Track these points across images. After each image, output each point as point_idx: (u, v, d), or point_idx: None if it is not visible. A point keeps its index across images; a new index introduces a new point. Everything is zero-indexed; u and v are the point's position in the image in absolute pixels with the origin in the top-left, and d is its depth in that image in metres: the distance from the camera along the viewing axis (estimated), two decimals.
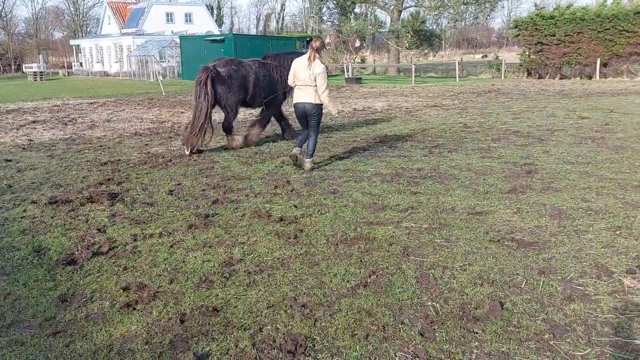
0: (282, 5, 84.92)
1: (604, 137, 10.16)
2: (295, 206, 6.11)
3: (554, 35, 28.73)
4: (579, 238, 4.91)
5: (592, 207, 5.79)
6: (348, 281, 4.13)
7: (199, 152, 9.42)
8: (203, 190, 6.90)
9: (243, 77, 9.60)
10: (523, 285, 3.99)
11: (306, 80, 7.70)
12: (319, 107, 7.87)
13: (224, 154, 9.34)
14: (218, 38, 34.38)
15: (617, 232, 5.02)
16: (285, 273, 4.29)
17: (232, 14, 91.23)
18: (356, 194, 6.59)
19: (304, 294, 3.93)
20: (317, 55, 7.73)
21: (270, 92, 10.12)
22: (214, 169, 8.17)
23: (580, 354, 3.12)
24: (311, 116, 7.89)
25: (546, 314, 3.55)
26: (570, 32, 28.10)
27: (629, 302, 3.70)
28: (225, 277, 4.20)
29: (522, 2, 72.50)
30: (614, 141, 9.68)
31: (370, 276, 4.20)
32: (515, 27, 31.44)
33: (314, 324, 3.49)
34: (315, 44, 7.72)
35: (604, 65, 27.66)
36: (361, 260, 4.52)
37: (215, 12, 73.51)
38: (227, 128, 9.87)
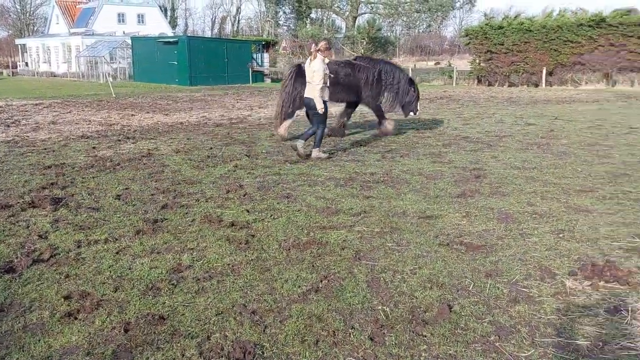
0: (238, 8, 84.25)
1: (549, 143, 10.49)
2: (248, 211, 6.04)
3: (502, 45, 29.56)
4: (525, 241, 5.03)
5: (537, 211, 5.95)
6: (299, 286, 4.10)
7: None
8: (152, 194, 6.74)
9: None
10: (471, 288, 4.05)
11: (308, 77, 8.82)
12: (312, 99, 8.76)
13: (175, 158, 9.17)
14: (171, 40, 33.86)
15: (560, 235, 5.16)
16: (235, 279, 4.23)
17: (186, 15, 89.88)
18: (310, 198, 6.58)
19: (254, 300, 3.87)
20: (320, 54, 8.74)
21: (350, 91, 11.05)
22: (164, 172, 8.01)
23: (524, 355, 3.18)
24: (313, 110, 8.90)
25: (492, 316, 3.61)
26: (518, 41, 28.97)
27: (571, 303, 3.81)
28: (173, 284, 4.10)
29: (473, 12, 74.23)
30: (558, 147, 10.00)
31: (321, 281, 4.18)
32: (466, 36, 32.22)
33: (264, 330, 3.45)
34: (319, 44, 8.90)
35: (550, 74, 28.62)
36: (313, 265, 4.50)
37: (169, 13, 72.38)
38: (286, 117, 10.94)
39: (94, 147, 10.28)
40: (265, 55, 36.85)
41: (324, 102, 8.86)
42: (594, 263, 4.41)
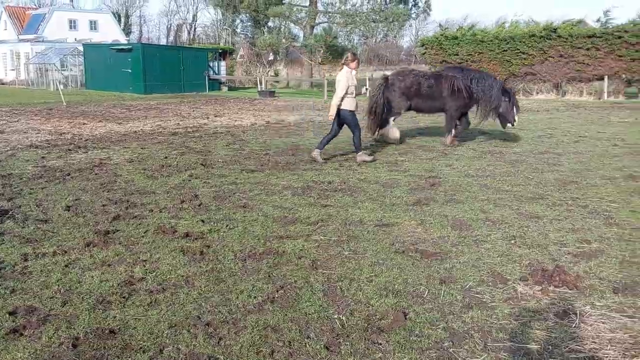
0: (194, 16, 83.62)
1: (502, 151, 10.74)
2: (203, 221, 5.96)
3: (457, 55, 30.16)
4: (478, 248, 5.12)
5: (490, 218, 6.07)
6: (255, 297, 4.06)
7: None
8: (103, 205, 6.57)
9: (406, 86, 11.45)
10: (426, 294, 4.10)
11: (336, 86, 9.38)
12: (345, 111, 9.42)
13: (128, 167, 8.98)
14: (125, 47, 33.25)
15: (512, 242, 5.28)
16: (189, 291, 4.16)
17: (141, 23, 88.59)
18: (267, 207, 6.54)
19: (209, 312, 3.81)
20: (345, 67, 9.39)
21: (433, 101, 11.47)
22: (116, 182, 7.82)
23: None
24: (345, 119, 9.53)
25: (446, 322, 3.66)
26: (472, 52, 29.61)
27: (522, 308, 3.89)
28: (124, 297, 3.99)
29: (429, 22, 75.63)
30: (511, 155, 10.26)
31: (277, 291, 4.15)
32: (422, 46, 32.72)
33: (218, 342, 3.39)
34: (345, 56, 9.63)
35: None
36: (269, 275, 4.47)
37: (122, 20, 71.21)
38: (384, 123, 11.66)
39: (43, 157, 9.97)
40: (223, 63, 36.61)
41: (352, 112, 9.49)
42: (544, 268, 4.52)
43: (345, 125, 9.73)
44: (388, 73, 11.97)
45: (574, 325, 3.63)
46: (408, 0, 37.78)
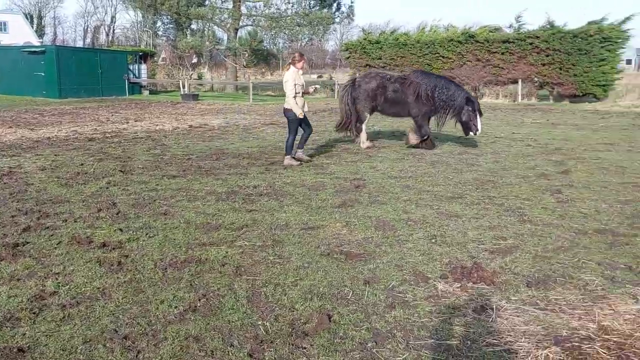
0: (113, 17, 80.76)
1: (423, 153, 11.04)
2: (121, 230, 5.73)
3: (380, 59, 30.81)
4: (401, 247, 5.22)
5: (412, 218, 6.21)
6: (176, 307, 3.94)
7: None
8: (13, 216, 6.18)
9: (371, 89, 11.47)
10: (350, 296, 4.12)
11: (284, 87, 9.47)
12: (289, 111, 9.47)
13: (40, 175, 8.52)
14: (37, 49, 31.61)
15: (433, 241, 5.42)
16: (105, 304, 3.97)
17: (55, 24, 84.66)
18: (189, 214, 6.38)
19: (126, 324, 3.66)
20: (292, 66, 9.53)
21: (398, 106, 11.51)
22: (27, 192, 7.39)
23: (399, 359, 3.27)
24: (287, 118, 9.69)
25: (370, 323, 3.69)
26: (394, 55, 30.33)
27: (442, 305, 3.99)
28: (34, 313, 3.76)
29: (353, 27, 76.91)
30: (431, 156, 10.56)
31: (200, 300, 4.05)
32: (346, 50, 33.19)
33: (136, 356, 3.26)
34: (292, 56, 9.78)
35: None
36: (191, 284, 4.35)
37: (35, 21, 67.80)
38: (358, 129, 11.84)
39: None
40: (143, 66, 35.54)
41: (289, 110, 9.54)
42: (463, 265, 4.67)
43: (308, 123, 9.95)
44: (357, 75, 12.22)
45: (490, 319, 3.75)
46: (332, 5, 38.19)
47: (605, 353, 3.30)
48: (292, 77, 9.37)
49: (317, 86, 11.79)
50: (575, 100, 25.45)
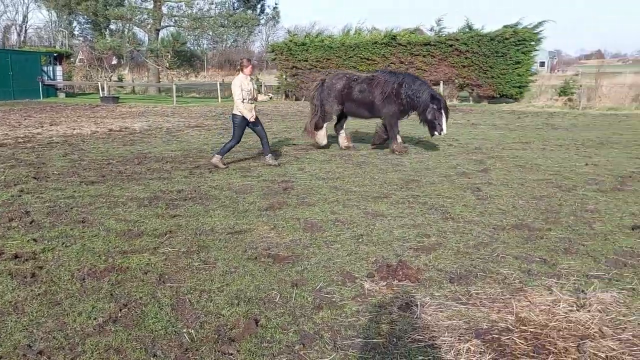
0: (25, 17, 76.56)
1: (350, 154, 11.17)
2: (35, 240, 5.43)
3: (306, 61, 30.94)
4: (328, 248, 5.24)
5: (339, 219, 6.25)
6: (95, 318, 3.76)
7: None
8: None
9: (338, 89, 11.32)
10: (277, 299, 4.09)
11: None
12: (236, 116, 9.51)
13: None
14: None
15: (360, 240, 5.48)
16: (18, 318, 3.74)
17: None
18: (109, 221, 6.14)
19: (42, 339, 3.46)
20: (241, 72, 9.48)
21: (365, 107, 11.23)
22: None
23: (327, 359, 3.28)
24: (233, 122, 9.63)
25: (297, 325, 3.67)
26: (320, 58, 30.54)
27: (369, 303, 4.03)
28: None
29: (279, 29, 76.86)
30: (358, 157, 10.70)
31: (121, 310, 3.90)
32: (272, 51, 33.11)
33: None
34: (240, 62, 9.84)
35: None
36: (112, 294, 4.18)
37: None
38: (317, 126, 11.66)
39: None
40: (59, 68, 33.94)
41: (244, 118, 9.43)
42: (388, 264, 4.74)
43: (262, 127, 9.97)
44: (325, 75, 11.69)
45: (415, 316, 3.83)
46: (256, 7, 38.00)
47: (522, 343, 3.44)
48: (238, 83, 9.36)
49: (270, 95, 11.47)
50: (494, 101, 26.60)
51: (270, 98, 11.53)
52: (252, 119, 9.47)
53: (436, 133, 10.91)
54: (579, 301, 4.01)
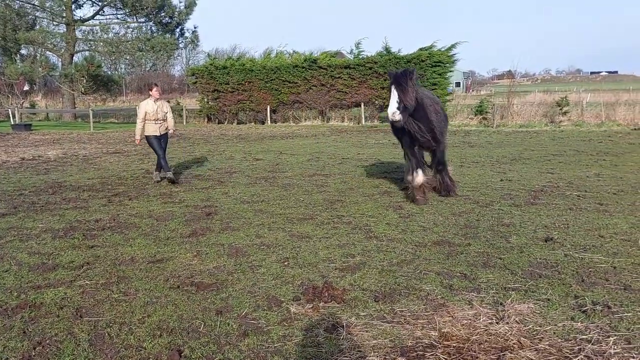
0: None
1: (275, 176, 11.17)
2: None
3: (228, 84, 30.83)
4: (254, 273, 5.19)
5: (265, 242, 6.22)
6: (7, 359, 3.53)
7: None
8: None
9: None
10: (201, 328, 3.99)
11: None
12: (148, 137, 10.48)
13: None
14: None
15: (286, 263, 5.47)
16: None
17: None
18: (21, 255, 5.81)
19: None
20: (150, 94, 10.58)
21: None
22: None
23: None
24: (148, 143, 10.64)
25: (223, 354, 3.60)
26: (242, 81, 30.53)
27: (295, 327, 4.01)
28: None
29: (199, 52, 76.18)
30: (283, 180, 10.71)
31: (35, 348, 3.69)
32: (193, 75, 32.77)
33: None
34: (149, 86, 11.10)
35: (273, 111, 30.78)
36: (24, 332, 3.95)
37: None
38: None
39: None
40: None
41: (155, 136, 10.42)
42: (314, 286, 4.75)
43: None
44: None
45: (341, 337, 3.84)
46: (175, 30, 37.51)
47: (446, 359, 3.53)
48: (143, 106, 10.47)
49: (171, 130, 10.90)
50: None
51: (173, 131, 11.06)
52: (136, 142, 10.97)
53: None
54: (498, 314, 4.17)
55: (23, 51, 37.82)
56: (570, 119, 24.90)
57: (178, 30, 37.73)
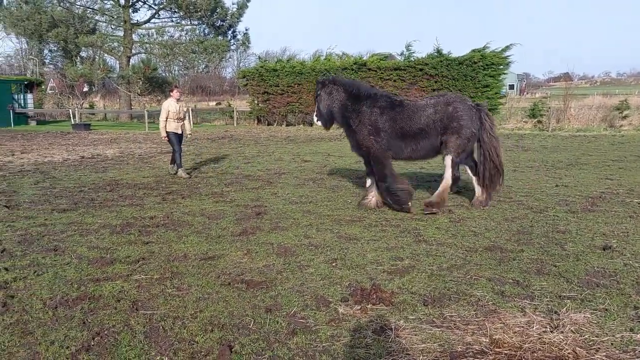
0: None
1: (323, 178, 11.23)
2: (6, 269, 5.33)
3: (278, 86, 31.12)
4: (302, 273, 5.25)
5: (313, 243, 6.27)
6: (68, 347, 3.71)
7: None
8: None
9: None
10: (251, 325, 4.07)
11: None
12: (169, 133, 11.52)
13: None
14: None
15: (334, 264, 5.50)
16: None
17: None
18: (81, 249, 6.06)
19: None
20: (170, 95, 11.62)
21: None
22: None
23: None
24: (169, 139, 11.65)
25: (272, 351, 3.67)
26: (291, 83, 30.77)
27: (343, 328, 4.04)
28: None
29: (250, 55, 77.24)
30: (331, 181, 10.76)
31: (94, 338, 3.85)
32: (244, 77, 33.22)
33: None
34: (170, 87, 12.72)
35: None
36: (84, 322, 4.12)
37: None
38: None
39: None
40: (30, 95, 33.54)
41: (175, 134, 11.51)
42: (362, 287, 4.77)
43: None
44: None
45: (390, 340, 3.85)
46: (227, 33, 38.17)
47: None
48: (166, 105, 11.48)
49: (191, 134, 12.36)
50: None
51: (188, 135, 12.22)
52: (163, 138, 11.76)
53: None
54: (553, 322, 4.08)
55: (83, 54, 39.29)
56: (631, 123, 23.98)
57: (230, 32, 38.38)
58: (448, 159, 7.83)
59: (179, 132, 11.62)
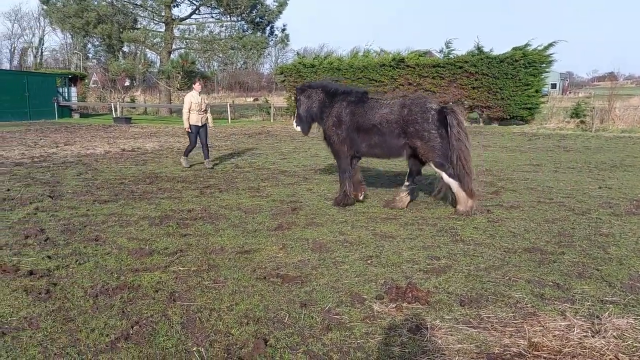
0: (41, 39, 77.83)
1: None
2: (49, 257, 5.49)
3: None
4: (337, 269, 5.24)
5: (348, 239, 6.26)
6: (107, 335, 3.79)
7: None
8: None
9: None
10: (286, 319, 4.09)
11: None
12: (192, 125, 12.12)
13: None
14: None
15: (369, 262, 5.48)
16: (33, 334, 3.78)
17: None
18: (121, 239, 6.19)
19: (56, 355, 3.50)
20: (194, 87, 12.19)
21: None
22: None
23: None
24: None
25: (306, 346, 3.68)
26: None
27: (378, 325, 4.02)
28: None
29: (288, 51, 77.61)
30: (367, 178, 10.69)
31: (132, 327, 3.93)
32: (281, 73, 33.34)
33: None
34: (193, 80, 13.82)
35: None
36: (123, 311, 4.21)
37: None
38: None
39: None
40: (73, 89, 34.48)
41: (196, 126, 12.12)
42: (397, 286, 4.74)
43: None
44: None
45: (425, 339, 3.81)
46: (265, 29, 38.40)
47: None
48: (188, 98, 11.95)
49: (211, 126, 12.71)
50: (504, 123, 26.57)
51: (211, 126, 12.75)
52: (186, 129, 12.18)
53: None
54: (594, 327, 3.97)
55: (125, 49, 40.10)
56: None
57: (268, 28, 38.58)
58: (433, 166, 7.72)
59: (200, 124, 12.14)
